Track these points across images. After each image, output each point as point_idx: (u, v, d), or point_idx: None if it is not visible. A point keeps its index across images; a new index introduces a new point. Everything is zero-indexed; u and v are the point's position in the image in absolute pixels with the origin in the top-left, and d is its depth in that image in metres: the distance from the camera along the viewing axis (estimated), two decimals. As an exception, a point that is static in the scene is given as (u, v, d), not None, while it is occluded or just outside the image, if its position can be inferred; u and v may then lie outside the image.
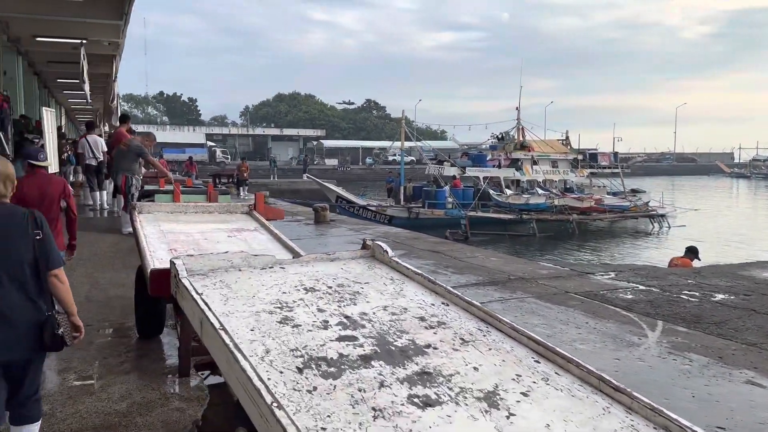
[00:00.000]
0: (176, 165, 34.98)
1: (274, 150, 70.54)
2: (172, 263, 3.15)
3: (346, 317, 2.73)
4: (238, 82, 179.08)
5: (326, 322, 2.67)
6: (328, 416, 1.93)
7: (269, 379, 2.10)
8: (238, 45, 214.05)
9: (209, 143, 69.91)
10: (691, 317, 5.79)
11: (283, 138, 79.74)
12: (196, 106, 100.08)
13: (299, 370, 2.21)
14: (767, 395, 4.08)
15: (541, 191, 28.53)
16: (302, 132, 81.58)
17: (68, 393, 3.96)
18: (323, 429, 1.86)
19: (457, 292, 3.07)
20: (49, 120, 12.86)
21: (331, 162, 67.74)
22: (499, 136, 31.91)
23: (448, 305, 2.97)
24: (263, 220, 5.89)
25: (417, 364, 2.34)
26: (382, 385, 2.16)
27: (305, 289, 3.06)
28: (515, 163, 29.10)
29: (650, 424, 2.03)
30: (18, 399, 2.85)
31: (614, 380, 2.23)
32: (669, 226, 27.60)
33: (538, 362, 2.43)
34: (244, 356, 2.22)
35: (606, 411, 2.11)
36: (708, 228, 28.50)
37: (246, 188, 25.24)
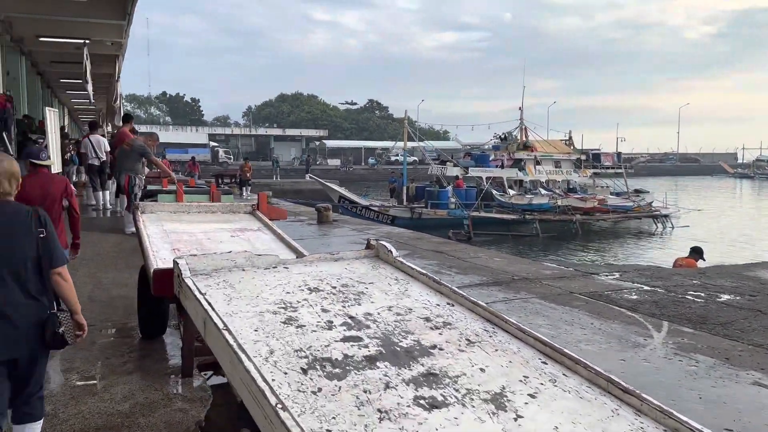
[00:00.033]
0: (179, 165, 34.98)
1: (276, 150, 70.51)
2: (175, 263, 3.13)
3: (351, 317, 2.70)
4: (240, 82, 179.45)
5: (330, 322, 2.64)
6: (333, 418, 1.91)
7: (273, 380, 2.07)
8: (239, 45, 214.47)
9: (212, 143, 69.94)
10: (696, 318, 5.76)
11: (285, 138, 79.71)
12: (199, 106, 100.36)
13: (304, 371, 2.18)
14: (775, 397, 4.04)
15: (544, 191, 28.52)
16: (305, 132, 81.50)
17: (71, 393, 3.95)
18: (328, 431, 1.84)
19: (462, 293, 3.04)
20: (52, 120, 12.86)
21: (334, 162, 67.86)
22: (502, 137, 31.91)
23: (453, 305, 2.94)
24: (266, 220, 5.88)
25: (423, 365, 2.31)
26: (387, 386, 2.14)
27: (309, 289, 3.03)
28: (518, 164, 29.11)
29: (660, 427, 2.00)
30: (22, 397, 2.86)
31: (623, 382, 2.20)
32: (672, 227, 27.58)
33: (546, 363, 2.40)
34: (248, 357, 2.19)
35: (615, 413, 2.08)
36: (712, 228, 28.45)
37: (249, 188, 25.23)
